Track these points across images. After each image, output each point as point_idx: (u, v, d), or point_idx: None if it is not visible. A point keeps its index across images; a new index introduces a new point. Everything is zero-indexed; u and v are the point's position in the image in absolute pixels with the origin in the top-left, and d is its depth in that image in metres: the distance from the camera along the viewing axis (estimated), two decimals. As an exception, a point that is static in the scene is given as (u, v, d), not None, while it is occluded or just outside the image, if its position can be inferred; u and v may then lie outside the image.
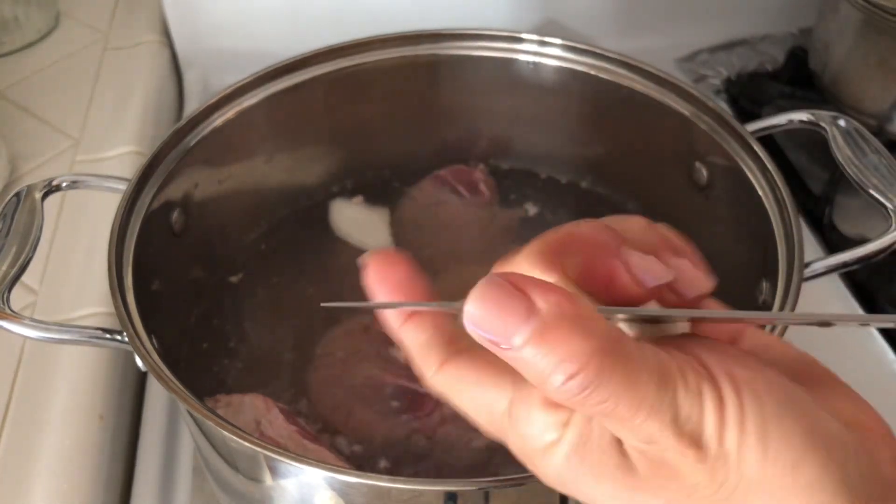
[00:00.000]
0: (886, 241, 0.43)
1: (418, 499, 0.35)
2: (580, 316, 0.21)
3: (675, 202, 0.57)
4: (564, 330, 0.20)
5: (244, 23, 0.81)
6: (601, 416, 0.21)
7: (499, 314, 0.21)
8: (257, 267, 0.59)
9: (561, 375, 0.20)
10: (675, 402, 0.21)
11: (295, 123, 0.59)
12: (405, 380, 0.50)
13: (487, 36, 0.58)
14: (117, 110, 0.73)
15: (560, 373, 0.20)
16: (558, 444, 0.23)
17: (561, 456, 0.23)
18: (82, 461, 0.49)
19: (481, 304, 0.21)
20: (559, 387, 0.20)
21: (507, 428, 0.24)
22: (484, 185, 0.63)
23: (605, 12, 0.85)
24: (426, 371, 0.26)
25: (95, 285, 0.58)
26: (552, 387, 0.20)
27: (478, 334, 0.21)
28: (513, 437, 0.24)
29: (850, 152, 0.47)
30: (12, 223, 0.45)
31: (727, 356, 0.22)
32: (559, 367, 0.20)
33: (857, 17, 0.68)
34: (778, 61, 0.84)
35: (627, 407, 0.20)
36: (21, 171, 0.68)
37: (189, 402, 0.37)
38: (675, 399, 0.21)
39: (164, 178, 0.49)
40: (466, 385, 0.25)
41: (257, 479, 0.40)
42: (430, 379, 0.26)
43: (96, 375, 0.53)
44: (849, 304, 0.61)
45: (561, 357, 0.20)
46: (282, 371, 0.53)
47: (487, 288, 0.21)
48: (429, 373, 0.26)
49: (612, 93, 0.56)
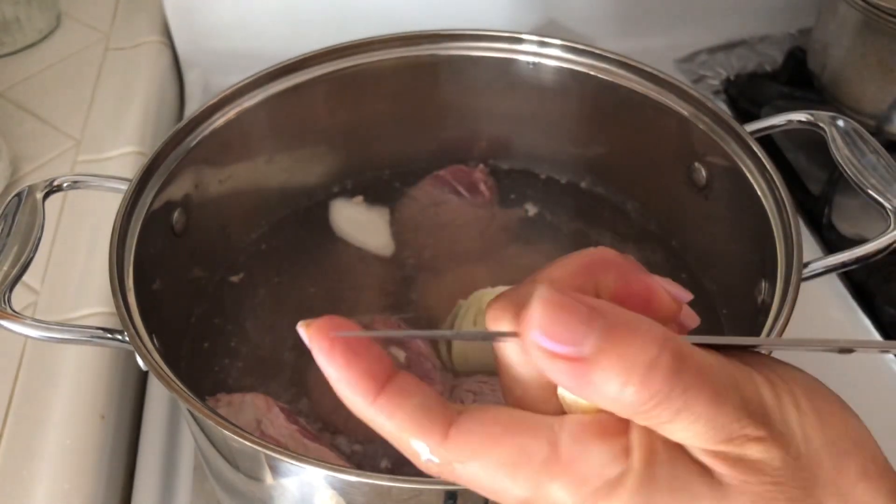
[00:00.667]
0: (885, 241, 0.43)
1: (418, 498, 0.35)
2: (636, 318, 0.20)
3: (675, 202, 0.57)
4: (630, 328, 0.19)
5: (245, 23, 0.81)
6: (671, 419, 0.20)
7: (565, 320, 0.19)
8: (258, 267, 0.59)
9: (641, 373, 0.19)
10: (739, 390, 0.21)
11: (295, 124, 0.59)
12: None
13: (487, 36, 0.58)
14: (118, 111, 0.73)
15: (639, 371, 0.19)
16: (626, 476, 0.20)
17: (631, 486, 0.20)
18: (83, 460, 0.49)
19: (546, 310, 0.19)
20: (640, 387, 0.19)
21: (554, 477, 0.21)
22: (484, 185, 0.63)
23: (604, 13, 0.85)
24: (429, 441, 0.21)
25: (96, 285, 0.58)
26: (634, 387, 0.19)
27: (545, 347, 0.19)
28: (564, 485, 0.20)
29: (849, 152, 0.47)
30: (13, 223, 0.45)
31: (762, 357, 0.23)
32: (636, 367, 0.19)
33: (856, 17, 0.68)
34: (777, 62, 0.84)
35: (708, 401, 0.20)
36: (22, 172, 0.68)
37: (190, 401, 0.37)
38: (738, 387, 0.21)
39: (165, 179, 0.49)
40: (492, 440, 0.21)
41: (258, 479, 0.40)
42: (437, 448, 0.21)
43: (97, 375, 0.53)
44: (848, 303, 0.61)
45: (635, 354, 0.19)
46: (282, 370, 0.53)
47: (547, 296, 0.19)
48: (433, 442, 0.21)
49: (612, 93, 0.56)
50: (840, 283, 0.62)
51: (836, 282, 0.62)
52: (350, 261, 0.60)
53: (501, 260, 0.60)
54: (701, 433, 0.20)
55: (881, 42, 0.67)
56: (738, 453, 0.21)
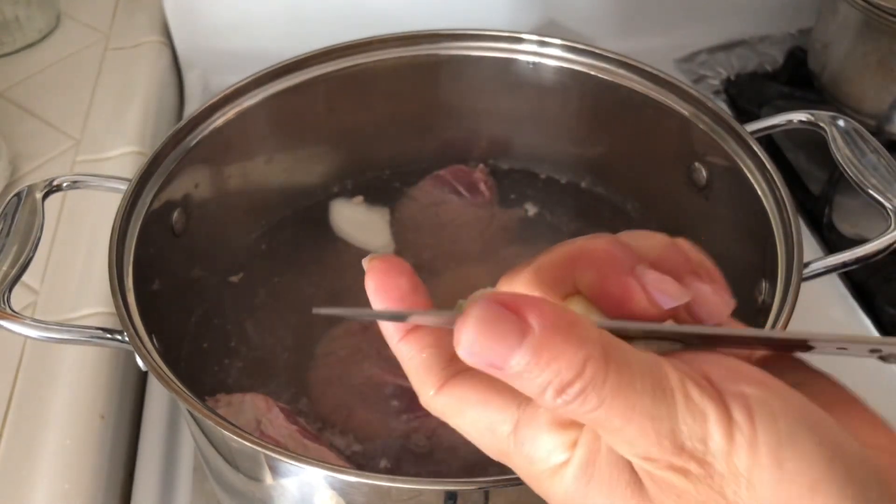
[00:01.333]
0: (885, 240, 0.43)
1: (418, 498, 0.35)
2: (572, 325, 0.21)
3: (675, 202, 0.57)
4: (558, 342, 0.20)
5: (245, 23, 0.81)
6: (595, 425, 0.21)
7: (494, 340, 0.21)
8: (257, 267, 0.59)
9: (557, 386, 0.20)
10: (673, 416, 0.20)
11: (295, 124, 0.59)
12: (405, 379, 0.49)
13: (487, 36, 0.58)
14: (118, 111, 0.73)
15: (556, 384, 0.20)
16: (567, 466, 0.22)
17: (570, 477, 0.22)
18: (83, 460, 0.49)
19: (475, 333, 0.21)
20: (556, 398, 0.20)
21: (512, 451, 0.24)
22: (484, 185, 0.63)
23: (604, 13, 0.85)
24: (424, 391, 0.25)
25: (96, 285, 0.58)
26: (550, 399, 0.20)
27: (475, 362, 0.21)
28: (518, 459, 0.24)
29: (850, 152, 0.47)
30: (13, 223, 0.45)
31: (739, 374, 0.21)
32: (556, 380, 0.20)
33: (857, 17, 0.68)
34: (777, 62, 0.84)
35: (619, 416, 0.20)
36: (22, 172, 0.68)
37: (189, 401, 0.37)
38: (675, 413, 0.20)
39: (165, 179, 0.49)
40: (468, 407, 0.24)
41: (258, 479, 0.40)
42: (429, 400, 0.25)
43: (97, 375, 0.53)
44: (848, 303, 0.61)
45: (556, 369, 0.20)
46: (282, 370, 0.53)
47: (480, 313, 0.21)
48: (427, 393, 0.25)
49: (612, 93, 0.56)
50: (840, 283, 0.62)
51: (837, 282, 0.62)
52: (350, 261, 0.60)
53: (501, 260, 0.60)
54: (623, 445, 0.21)
55: (881, 42, 0.67)
56: (660, 474, 0.21)
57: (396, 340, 0.25)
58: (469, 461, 0.47)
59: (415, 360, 0.25)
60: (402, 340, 0.25)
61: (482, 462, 0.47)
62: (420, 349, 0.25)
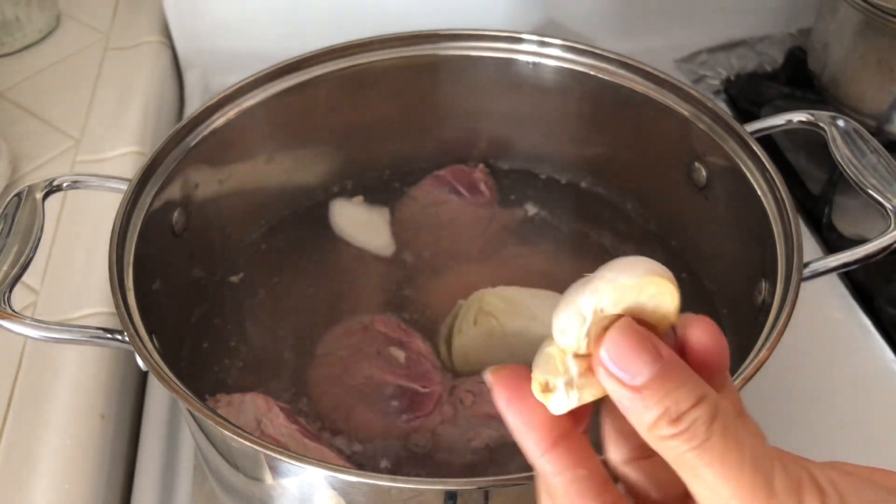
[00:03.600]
0: (885, 241, 0.43)
1: (418, 498, 0.35)
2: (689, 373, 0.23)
3: (675, 202, 0.57)
4: (683, 374, 0.23)
5: (244, 23, 0.81)
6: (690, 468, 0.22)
7: (633, 352, 0.23)
8: (257, 267, 0.59)
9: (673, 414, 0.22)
10: (769, 470, 0.22)
11: (295, 124, 0.59)
12: (405, 379, 0.50)
13: (487, 36, 0.58)
14: (118, 111, 0.73)
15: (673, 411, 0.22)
16: None
17: None
18: (83, 460, 0.49)
19: (620, 340, 0.23)
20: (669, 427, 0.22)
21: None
22: (484, 185, 0.63)
23: (604, 13, 0.85)
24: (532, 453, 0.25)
25: (96, 285, 0.58)
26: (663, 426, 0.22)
27: (609, 367, 0.23)
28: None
29: (849, 152, 0.47)
30: (13, 223, 0.45)
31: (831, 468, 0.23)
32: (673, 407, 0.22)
33: (856, 17, 0.68)
34: (777, 62, 0.84)
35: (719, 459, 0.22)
36: (22, 172, 0.68)
37: (190, 401, 0.37)
38: (772, 478, 0.21)
39: (165, 179, 0.49)
40: None
41: (258, 479, 0.40)
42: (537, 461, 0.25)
43: (97, 375, 0.53)
44: (848, 303, 0.61)
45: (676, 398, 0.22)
46: (282, 370, 0.53)
47: (626, 328, 0.24)
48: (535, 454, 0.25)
49: (612, 93, 0.56)
50: (840, 283, 0.62)
51: (836, 282, 0.62)
52: (350, 261, 0.60)
53: (501, 260, 0.60)
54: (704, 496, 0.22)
55: (881, 42, 0.67)
56: None
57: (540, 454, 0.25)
58: (469, 461, 0.47)
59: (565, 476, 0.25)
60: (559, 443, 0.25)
61: (482, 462, 0.47)
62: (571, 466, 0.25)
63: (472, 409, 0.48)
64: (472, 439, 0.48)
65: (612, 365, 0.23)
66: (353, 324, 0.54)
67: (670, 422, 0.22)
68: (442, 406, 0.49)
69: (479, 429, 0.48)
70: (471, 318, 0.51)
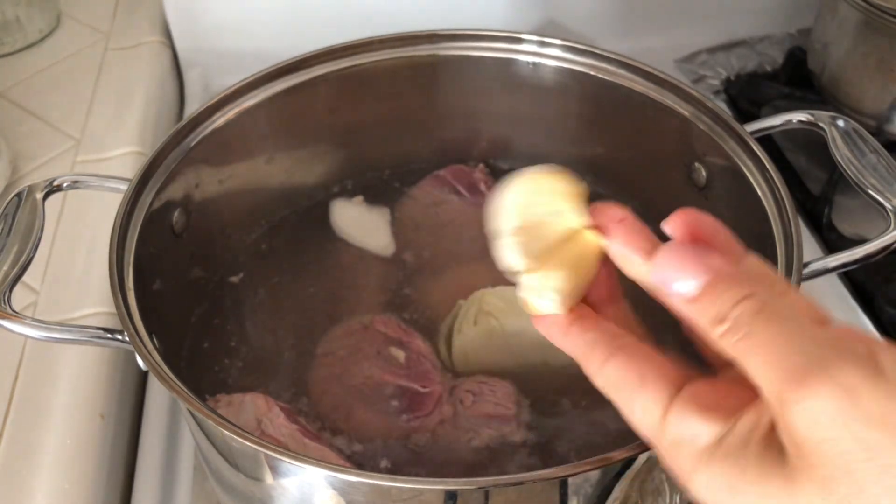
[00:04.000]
0: (885, 241, 0.43)
1: (418, 498, 0.35)
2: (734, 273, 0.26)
3: (675, 202, 0.57)
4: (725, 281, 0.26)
5: (245, 23, 0.81)
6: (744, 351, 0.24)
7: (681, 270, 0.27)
8: (257, 267, 0.59)
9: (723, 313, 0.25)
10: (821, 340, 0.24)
11: (295, 124, 0.59)
12: (405, 379, 0.50)
13: (487, 36, 0.58)
14: (118, 111, 0.73)
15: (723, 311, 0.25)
16: (716, 448, 0.24)
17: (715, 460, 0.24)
18: (83, 460, 0.49)
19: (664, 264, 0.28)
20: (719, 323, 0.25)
21: (660, 433, 0.26)
22: (484, 185, 0.63)
23: (604, 13, 0.85)
24: (590, 368, 0.28)
25: (96, 285, 0.58)
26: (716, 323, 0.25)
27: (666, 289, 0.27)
28: (665, 442, 0.26)
29: (849, 152, 0.47)
30: (13, 223, 0.45)
31: None
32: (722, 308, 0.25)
33: (856, 17, 0.68)
34: (777, 62, 0.84)
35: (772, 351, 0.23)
36: (22, 172, 0.68)
37: (190, 401, 0.37)
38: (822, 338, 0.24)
39: (165, 179, 0.49)
40: (625, 385, 0.27)
41: (258, 479, 0.40)
42: (594, 374, 0.28)
43: (97, 375, 0.53)
44: (848, 303, 0.61)
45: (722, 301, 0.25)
46: (282, 370, 0.53)
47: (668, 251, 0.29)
48: (592, 370, 0.28)
49: (612, 93, 0.56)
50: (840, 283, 0.62)
51: (836, 282, 0.62)
52: (350, 261, 0.60)
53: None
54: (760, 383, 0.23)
55: (881, 42, 0.67)
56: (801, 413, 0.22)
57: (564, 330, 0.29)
58: (469, 461, 0.47)
59: (582, 342, 0.29)
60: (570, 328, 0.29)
61: (482, 462, 0.47)
62: (585, 332, 0.29)
63: (472, 409, 0.48)
64: (472, 439, 0.48)
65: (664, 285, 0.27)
66: (353, 324, 0.54)
67: (719, 321, 0.25)
68: (442, 406, 0.49)
69: (479, 429, 0.48)
70: (471, 318, 0.51)
